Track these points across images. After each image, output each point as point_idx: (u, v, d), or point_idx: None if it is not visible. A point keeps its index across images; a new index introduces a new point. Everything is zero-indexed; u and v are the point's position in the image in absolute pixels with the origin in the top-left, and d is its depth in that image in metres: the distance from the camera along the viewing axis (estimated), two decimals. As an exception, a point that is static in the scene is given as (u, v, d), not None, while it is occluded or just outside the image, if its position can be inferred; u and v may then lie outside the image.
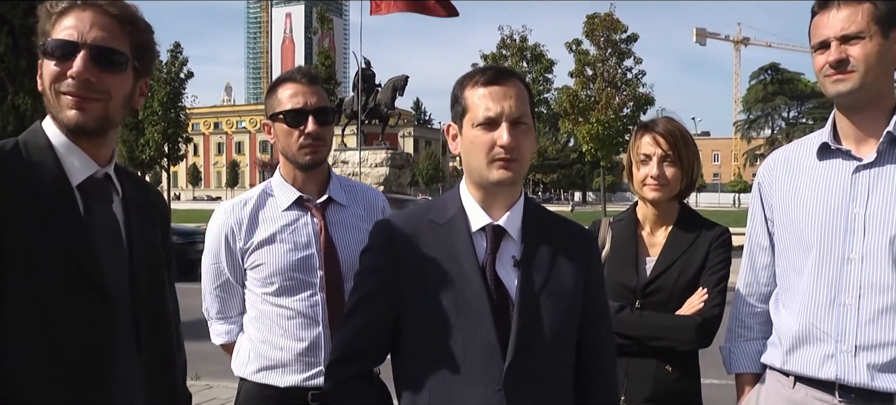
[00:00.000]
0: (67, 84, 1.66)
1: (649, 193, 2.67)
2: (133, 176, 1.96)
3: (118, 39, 1.70)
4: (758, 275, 2.48)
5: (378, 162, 22.35)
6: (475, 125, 1.88)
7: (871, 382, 2.11)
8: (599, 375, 2.05)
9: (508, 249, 1.93)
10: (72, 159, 1.70)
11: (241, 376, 2.68)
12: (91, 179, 1.72)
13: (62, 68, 1.65)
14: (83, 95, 1.66)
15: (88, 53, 1.65)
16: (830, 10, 2.18)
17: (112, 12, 1.70)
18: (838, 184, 2.22)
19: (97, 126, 1.70)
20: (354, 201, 2.74)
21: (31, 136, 1.71)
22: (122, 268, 1.73)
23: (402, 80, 24.48)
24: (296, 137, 2.57)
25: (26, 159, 1.66)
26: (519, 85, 1.92)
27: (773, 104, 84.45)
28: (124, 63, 1.71)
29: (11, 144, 1.68)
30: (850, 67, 2.14)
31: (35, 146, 1.69)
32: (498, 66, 1.99)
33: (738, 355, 2.51)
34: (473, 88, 1.91)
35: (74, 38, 1.66)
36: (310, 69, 2.73)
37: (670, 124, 2.71)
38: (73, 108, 1.66)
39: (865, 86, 2.14)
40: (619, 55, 36.84)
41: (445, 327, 1.87)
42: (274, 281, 2.57)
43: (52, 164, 1.67)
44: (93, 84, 1.66)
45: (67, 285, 1.60)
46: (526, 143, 1.89)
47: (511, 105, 1.87)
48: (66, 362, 1.60)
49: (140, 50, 1.75)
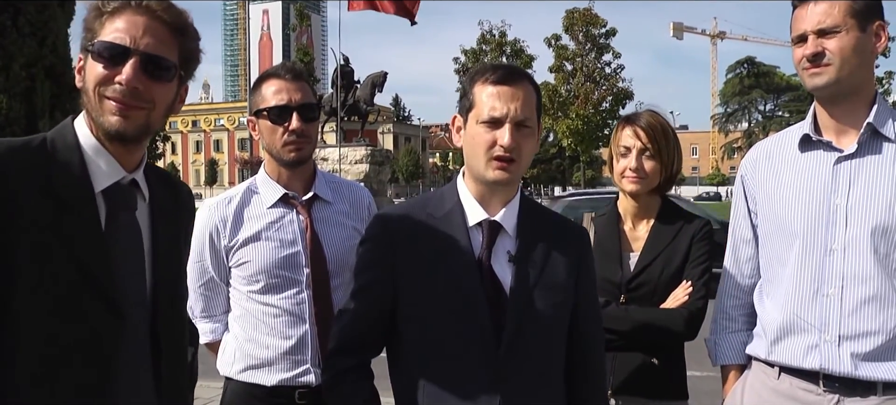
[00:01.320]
0: (114, 89, 1.61)
1: (628, 185, 2.68)
2: (164, 176, 1.91)
3: (168, 48, 1.65)
4: (741, 267, 2.50)
5: (358, 158, 22.30)
6: (479, 122, 1.90)
7: (854, 371, 2.14)
8: (589, 370, 2.08)
9: (504, 245, 1.96)
10: (99, 163, 1.66)
11: (226, 375, 2.66)
12: (116, 185, 1.68)
13: (110, 72, 1.60)
14: (129, 103, 1.61)
15: (139, 61, 1.61)
16: (808, 4, 2.20)
17: (165, 19, 1.65)
18: (820, 175, 2.24)
19: (137, 134, 1.66)
20: (340, 198, 2.73)
21: (60, 135, 1.67)
22: (139, 278, 1.70)
23: (381, 77, 24.42)
24: (280, 134, 2.55)
25: (52, 158, 1.61)
26: (528, 87, 1.93)
27: (750, 97, 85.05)
28: (172, 72, 1.67)
29: (39, 141, 1.64)
30: (826, 61, 2.17)
31: (63, 145, 1.64)
32: (510, 66, 2.00)
33: (723, 347, 2.53)
34: (483, 85, 1.92)
35: (126, 42, 1.61)
36: (294, 65, 2.71)
37: (652, 118, 2.71)
38: (116, 115, 1.61)
39: (841, 79, 2.16)
40: (599, 50, 37.02)
41: (440, 320, 1.89)
42: (259, 279, 2.55)
43: (77, 165, 1.63)
44: (140, 92, 1.62)
45: (76, 292, 1.57)
46: (527, 145, 1.92)
47: (517, 107, 1.88)
48: (67, 369, 1.57)
49: (187, 58, 1.72)
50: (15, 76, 8.63)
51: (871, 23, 2.16)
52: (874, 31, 2.17)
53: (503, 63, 2.03)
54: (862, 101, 2.22)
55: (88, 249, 1.59)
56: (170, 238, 1.81)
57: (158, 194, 1.81)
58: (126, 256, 1.67)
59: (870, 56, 2.19)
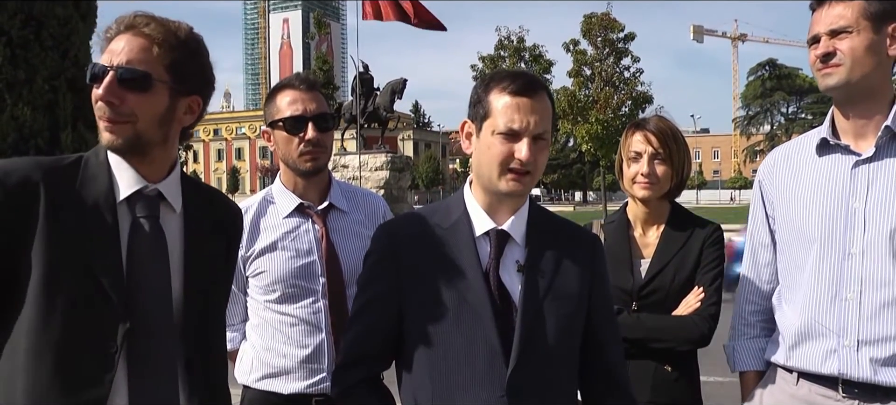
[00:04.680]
0: (97, 107, 1.69)
1: (639, 191, 2.66)
2: (207, 190, 1.97)
3: (146, 60, 1.69)
4: (760, 272, 2.48)
5: (378, 165, 22.30)
6: (495, 133, 1.83)
7: (874, 377, 2.12)
8: (613, 382, 2.02)
9: (512, 254, 1.91)
10: (122, 174, 1.74)
11: (244, 384, 2.68)
12: (139, 194, 1.75)
13: (97, 92, 1.69)
14: (110, 118, 1.69)
15: (113, 76, 1.67)
16: (824, 6, 2.19)
17: (144, 33, 1.71)
18: (838, 179, 2.22)
19: (129, 146, 1.71)
20: (355, 207, 2.74)
21: (94, 152, 1.77)
22: (162, 285, 1.74)
23: (400, 84, 24.45)
24: (296, 144, 2.56)
25: (82, 174, 1.72)
26: (546, 99, 1.87)
27: (772, 100, 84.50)
28: (148, 83, 1.70)
29: (74, 159, 1.74)
30: (837, 61, 2.15)
31: (94, 161, 1.75)
32: (528, 75, 1.91)
33: (741, 353, 2.51)
34: (500, 94, 1.84)
35: (107, 62, 1.69)
36: (308, 75, 2.73)
37: (661, 122, 2.69)
38: (105, 131, 1.70)
39: (852, 79, 2.14)
40: (617, 54, 36.84)
41: (448, 332, 1.85)
42: (276, 288, 2.57)
43: (103, 178, 1.73)
44: (116, 106, 1.68)
45: (84, 298, 1.63)
46: (542, 157, 1.87)
47: (536, 120, 1.82)
48: (70, 372, 1.62)
49: (178, 69, 1.74)
50: (38, 89, 8.73)
51: (886, 24, 2.14)
52: (890, 33, 2.14)
53: (521, 71, 1.94)
54: (879, 103, 2.20)
55: (101, 252, 1.66)
56: (205, 249, 1.84)
57: (194, 206, 1.86)
58: (147, 262, 1.72)
59: (885, 58, 2.17)
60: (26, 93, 8.70)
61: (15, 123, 8.65)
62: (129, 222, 1.72)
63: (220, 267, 1.93)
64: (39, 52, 8.79)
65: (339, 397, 1.97)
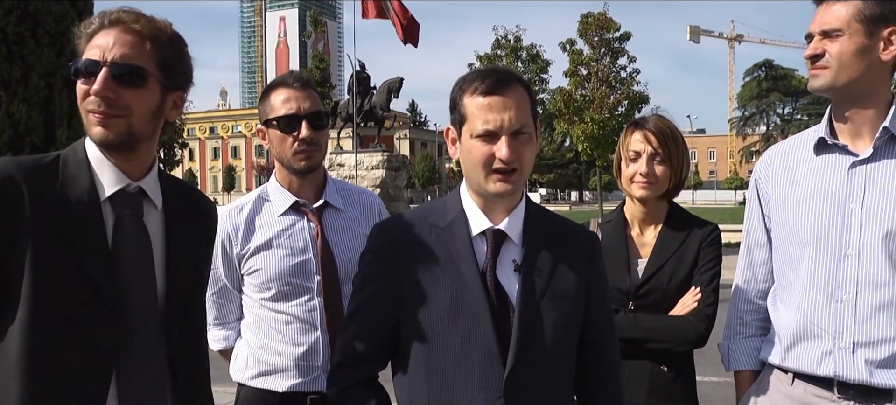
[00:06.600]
0: (90, 101, 1.69)
1: (638, 191, 2.65)
2: (183, 186, 1.98)
3: (140, 56, 1.71)
4: (755, 271, 2.48)
5: (374, 164, 22.27)
6: (474, 136, 1.81)
7: (869, 378, 2.11)
8: (603, 384, 2.02)
9: (509, 253, 1.89)
10: (104, 172, 1.74)
11: (239, 381, 2.67)
12: (122, 192, 1.75)
13: (88, 87, 1.69)
14: (104, 112, 1.69)
15: (109, 71, 1.68)
16: (823, 5, 2.19)
17: (136, 29, 1.72)
18: (835, 179, 2.21)
19: (122, 141, 1.72)
20: (351, 205, 2.73)
21: (72, 151, 1.77)
22: (147, 282, 1.76)
23: (397, 82, 24.41)
24: (290, 143, 2.56)
25: (62, 172, 1.71)
26: (520, 91, 1.84)
27: (768, 101, 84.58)
28: (143, 79, 1.71)
29: (53, 157, 1.74)
30: (824, 63, 2.15)
31: (73, 160, 1.74)
32: (498, 71, 1.88)
33: (736, 352, 2.51)
34: (472, 96, 1.83)
35: (98, 57, 1.69)
36: (302, 73, 2.72)
37: (661, 122, 2.68)
38: (97, 125, 1.69)
39: (838, 83, 2.14)
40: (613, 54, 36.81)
41: (444, 333, 1.83)
42: (271, 286, 2.56)
43: (84, 177, 1.72)
44: (112, 100, 1.68)
45: (77, 298, 1.64)
46: (527, 152, 1.84)
47: (511, 117, 1.80)
48: (66, 372, 1.62)
49: (166, 64, 1.75)
50: (34, 86, 8.72)
51: (881, 28, 2.12)
52: (885, 37, 2.12)
53: (491, 69, 1.90)
54: (876, 105, 2.19)
55: (90, 252, 1.66)
56: (185, 245, 1.86)
57: (174, 203, 1.86)
58: (133, 261, 1.73)
59: (877, 62, 2.14)
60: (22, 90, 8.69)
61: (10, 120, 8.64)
62: (112, 221, 1.73)
63: (199, 262, 1.95)
64: (35, 49, 8.79)
65: (335, 397, 1.96)
